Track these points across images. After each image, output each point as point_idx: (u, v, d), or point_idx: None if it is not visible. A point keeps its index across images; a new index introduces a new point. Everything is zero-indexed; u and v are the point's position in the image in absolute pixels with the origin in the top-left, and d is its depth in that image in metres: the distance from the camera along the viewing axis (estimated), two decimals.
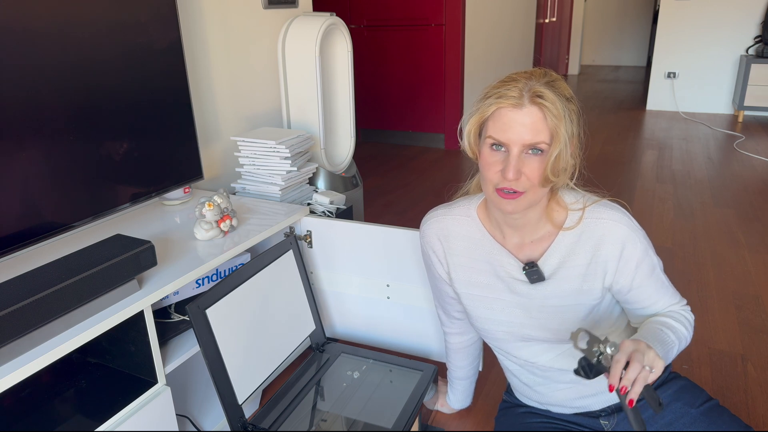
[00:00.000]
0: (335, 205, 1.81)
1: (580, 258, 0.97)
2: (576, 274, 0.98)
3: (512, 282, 1.02)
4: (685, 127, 4.85)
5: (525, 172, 0.87)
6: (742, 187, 3.28)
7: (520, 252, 1.01)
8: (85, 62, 1.23)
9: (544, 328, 1.02)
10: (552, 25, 6.85)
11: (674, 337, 0.94)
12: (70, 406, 1.07)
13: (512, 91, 0.86)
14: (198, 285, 1.37)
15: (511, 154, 0.86)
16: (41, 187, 1.17)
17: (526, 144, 0.85)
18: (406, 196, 3.27)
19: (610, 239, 0.94)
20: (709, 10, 5.09)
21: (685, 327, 0.98)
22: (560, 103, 0.85)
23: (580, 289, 0.98)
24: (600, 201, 0.97)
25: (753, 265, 2.34)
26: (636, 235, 0.95)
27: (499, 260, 1.03)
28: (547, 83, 0.87)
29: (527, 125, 0.85)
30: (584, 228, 0.96)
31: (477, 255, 1.05)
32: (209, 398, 1.53)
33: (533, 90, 0.85)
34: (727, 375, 1.67)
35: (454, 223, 1.07)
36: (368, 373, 1.47)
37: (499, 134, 0.87)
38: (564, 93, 0.88)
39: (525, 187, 0.88)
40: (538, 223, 0.98)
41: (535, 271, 0.99)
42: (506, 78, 0.90)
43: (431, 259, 1.13)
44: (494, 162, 0.89)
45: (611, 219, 0.95)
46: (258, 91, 2.12)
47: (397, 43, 4.20)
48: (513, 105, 0.85)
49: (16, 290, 0.91)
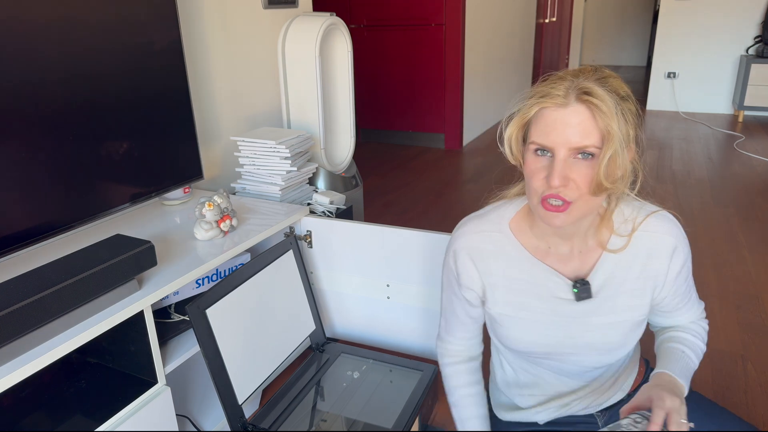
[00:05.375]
0: (335, 205, 1.81)
1: (629, 273, 0.91)
2: (624, 290, 0.92)
3: (555, 301, 0.94)
4: (685, 127, 4.85)
5: (574, 179, 0.78)
6: (742, 187, 3.28)
7: (567, 264, 0.93)
8: (85, 62, 1.23)
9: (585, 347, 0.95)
10: (552, 25, 6.85)
11: (695, 358, 0.93)
12: (70, 406, 1.07)
13: (557, 89, 0.77)
14: (198, 285, 1.37)
15: (557, 158, 0.77)
16: (41, 187, 1.17)
17: (573, 147, 0.76)
18: (406, 196, 3.27)
19: (659, 251, 0.90)
20: (709, 10, 5.09)
21: (702, 341, 0.97)
22: (612, 101, 0.76)
23: (629, 306, 0.93)
24: (652, 215, 0.91)
25: (753, 265, 2.34)
26: (681, 245, 0.91)
27: (540, 279, 0.94)
28: (598, 80, 0.78)
29: (574, 126, 0.75)
30: (633, 241, 0.91)
31: (513, 274, 0.95)
32: (209, 398, 1.53)
33: (580, 87, 0.76)
34: (727, 375, 1.67)
35: (486, 240, 0.96)
36: (368, 373, 1.47)
37: (542, 137, 0.78)
38: (618, 91, 0.79)
39: (574, 196, 0.78)
40: (588, 232, 0.91)
41: (587, 288, 0.91)
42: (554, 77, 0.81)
43: (458, 280, 1.00)
44: (539, 168, 0.80)
45: (660, 231, 0.90)
46: (258, 91, 2.12)
47: (397, 43, 4.20)
48: (557, 104, 0.76)
49: (16, 290, 0.91)
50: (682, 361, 0.92)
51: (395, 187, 3.43)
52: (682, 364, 0.91)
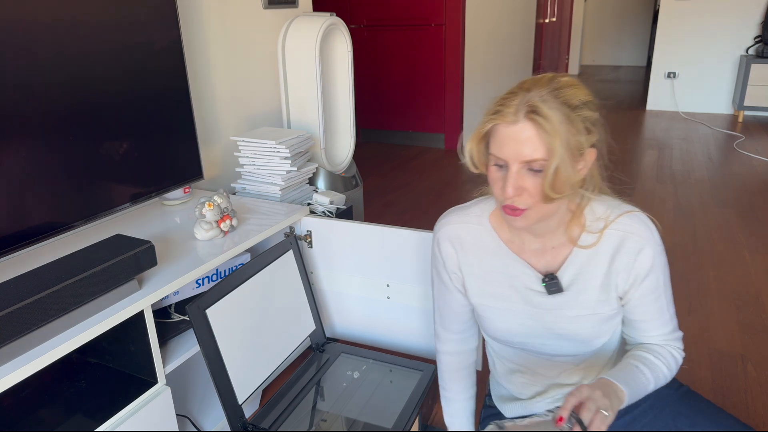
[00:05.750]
0: (335, 205, 1.81)
1: (598, 268, 0.95)
2: (593, 285, 0.96)
3: (528, 293, 1.00)
4: (685, 127, 4.85)
5: (527, 188, 0.85)
6: (742, 187, 3.28)
7: (541, 259, 0.99)
8: (85, 62, 1.23)
9: (560, 338, 1.00)
10: (552, 25, 6.85)
11: (650, 376, 0.93)
12: (70, 406, 1.07)
13: (509, 106, 0.83)
14: (198, 285, 1.37)
15: (510, 171, 0.84)
16: (41, 187, 1.17)
17: (523, 161, 0.83)
18: (406, 196, 3.27)
19: (626, 248, 0.93)
20: (709, 10, 5.09)
21: (667, 366, 0.97)
22: (559, 116, 0.81)
23: (598, 299, 0.97)
24: (626, 214, 0.94)
25: (753, 265, 2.34)
26: (650, 248, 0.93)
27: (514, 271, 1.00)
28: (553, 91, 0.83)
29: (522, 141, 0.82)
30: (603, 238, 0.94)
31: (490, 265, 1.02)
32: (209, 398, 1.53)
33: (529, 104, 0.82)
34: (727, 375, 1.67)
35: (466, 231, 1.04)
36: (368, 373, 1.47)
37: (497, 151, 0.85)
38: (571, 101, 0.83)
39: (527, 204, 0.86)
40: (558, 229, 0.96)
41: (555, 282, 0.96)
42: (509, 91, 0.87)
43: (445, 267, 1.08)
44: (498, 178, 0.87)
45: (631, 229, 0.93)
46: (258, 91, 2.12)
47: (397, 43, 4.20)
48: (508, 122, 0.83)
49: (15, 290, 0.91)
50: (631, 373, 0.92)
51: (395, 187, 3.43)
52: (628, 374, 0.92)
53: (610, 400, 0.83)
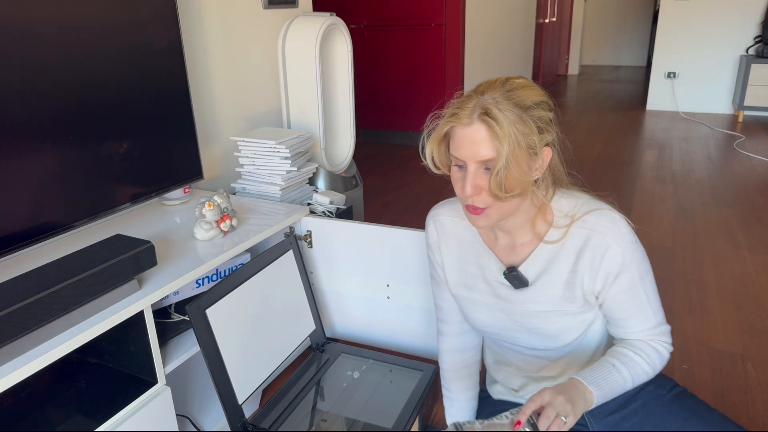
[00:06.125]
0: (335, 205, 1.81)
1: (563, 265, 0.96)
2: (558, 281, 0.97)
3: (497, 286, 1.03)
4: (685, 127, 4.85)
5: (484, 188, 0.88)
6: (742, 187, 3.28)
7: (511, 254, 1.01)
8: (85, 62, 1.23)
9: (528, 332, 1.02)
10: (552, 25, 6.85)
11: (627, 375, 0.93)
12: (70, 406, 1.07)
13: (464, 109, 0.86)
14: (198, 285, 1.37)
15: (468, 171, 0.87)
16: (41, 187, 1.17)
17: (479, 160, 0.86)
18: (406, 196, 3.27)
19: (591, 247, 0.93)
20: (709, 10, 5.09)
21: (648, 362, 0.96)
22: (510, 117, 0.84)
23: (562, 296, 0.98)
24: (594, 212, 0.94)
25: (753, 265, 2.34)
26: (619, 245, 0.92)
27: (486, 263, 1.04)
28: (505, 93, 0.86)
29: (476, 142, 0.85)
30: (570, 235, 0.95)
31: (467, 257, 1.07)
32: (209, 398, 1.53)
33: (482, 106, 0.85)
34: (727, 375, 1.67)
35: (450, 223, 1.09)
36: (368, 373, 1.47)
37: (455, 152, 0.88)
38: (524, 102, 0.86)
39: (486, 202, 0.89)
40: (525, 226, 0.98)
41: (515, 276, 0.99)
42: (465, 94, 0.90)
43: (434, 257, 1.13)
44: (458, 179, 0.90)
45: (596, 228, 0.93)
46: (258, 91, 2.12)
47: (397, 43, 4.20)
48: (463, 123, 0.86)
49: (16, 290, 0.91)
50: (605, 372, 0.93)
51: (395, 187, 3.44)
52: (600, 374, 0.92)
53: (573, 405, 0.84)
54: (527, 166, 0.87)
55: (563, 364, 1.07)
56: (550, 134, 0.90)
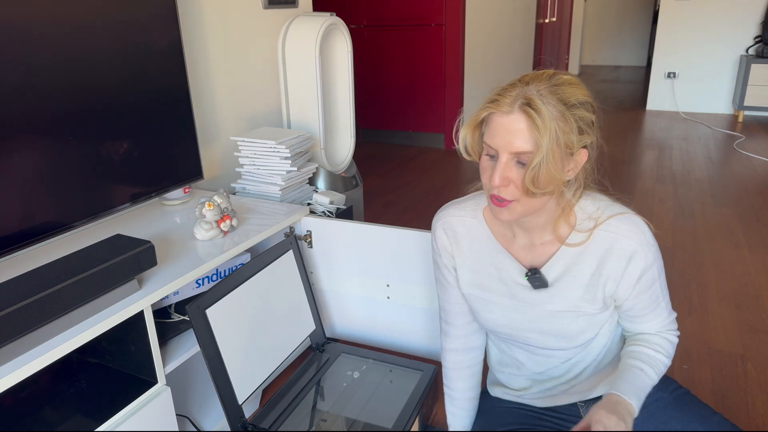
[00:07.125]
0: (335, 205, 1.81)
1: (585, 267, 0.95)
2: (579, 284, 0.96)
3: (514, 286, 1.01)
4: (685, 127, 4.85)
5: (513, 180, 0.85)
6: (742, 187, 3.28)
7: (529, 254, 1.00)
8: (85, 62, 1.23)
9: (542, 332, 1.02)
10: (552, 25, 6.85)
11: (653, 374, 0.95)
12: (70, 406, 1.07)
13: (506, 96, 0.84)
14: (198, 285, 1.37)
15: (499, 161, 0.85)
16: (41, 187, 1.17)
17: (513, 152, 0.83)
18: (406, 196, 3.27)
19: (617, 252, 0.93)
20: (709, 10, 5.09)
21: (666, 354, 0.98)
22: (552, 112, 0.81)
23: (582, 297, 0.97)
24: (617, 216, 0.94)
25: (753, 265, 2.34)
26: (643, 251, 0.92)
27: (502, 264, 1.02)
28: (551, 87, 0.84)
29: (513, 132, 0.82)
30: (593, 238, 0.94)
31: (481, 258, 1.04)
32: (209, 398, 1.53)
33: (525, 96, 0.82)
34: (727, 375, 1.67)
35: (461, 223, 1.06)
36: (368, 373, 1.47)
37: (489, 140, 0.86)
38: (568, 99, 0.83)
39: (513, 195, 0.86)
40: (547, 226, 0.96)
41: (538, 277, 0.97)
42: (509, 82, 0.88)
43: (441, 258, 1.11)
44: (487, 167, 0.88)
45: (621, 232, 0.92)
46: (258, 91, 2.12)
47: (397, 43, 4.20)
48: (503, 111, 0.83)
49: (15, 290, 0.91)
50: (636, 378, 0.94)
51: (395, 187, 3.43)
52: (633, 382, 0.93)
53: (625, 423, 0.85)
54: (561, 164, 0.85)
55: (570, 364, 1.07)
56: (590, 137, 0.87)
